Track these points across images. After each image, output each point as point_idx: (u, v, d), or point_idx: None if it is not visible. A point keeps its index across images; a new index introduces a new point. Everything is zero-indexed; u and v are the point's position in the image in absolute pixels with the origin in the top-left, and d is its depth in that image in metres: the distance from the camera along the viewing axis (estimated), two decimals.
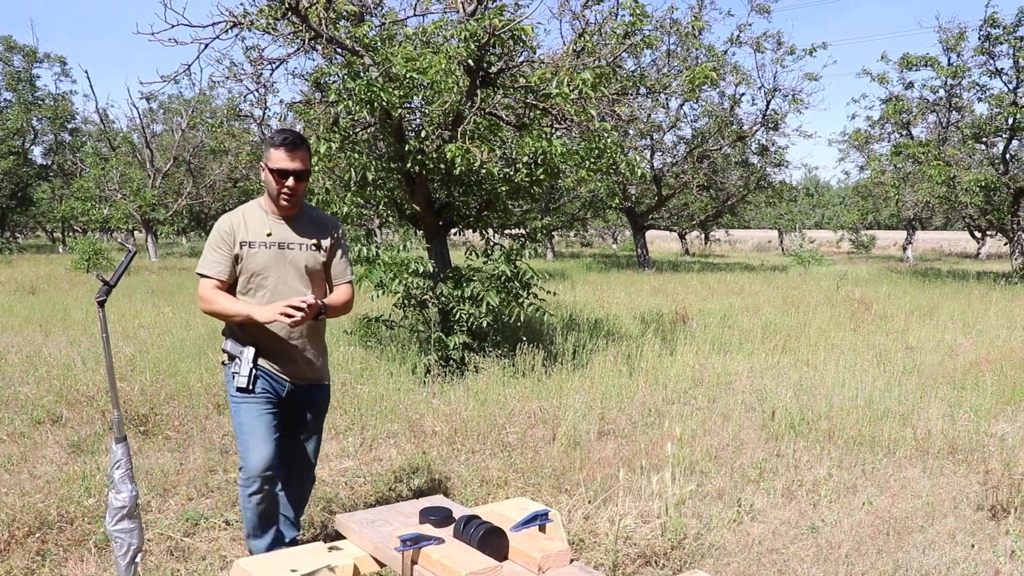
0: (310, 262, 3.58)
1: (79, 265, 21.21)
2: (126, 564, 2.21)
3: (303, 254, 3.56)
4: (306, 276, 3.57)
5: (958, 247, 48.67)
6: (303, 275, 3.56)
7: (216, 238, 3.49)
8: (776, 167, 28.10)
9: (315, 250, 3.60)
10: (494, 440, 5.93)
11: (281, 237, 3.53)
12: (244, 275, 3.49)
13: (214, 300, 3.43)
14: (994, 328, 11.26)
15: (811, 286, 17.55)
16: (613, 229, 47.38)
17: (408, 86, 7.75)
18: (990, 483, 5.01)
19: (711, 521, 4.52)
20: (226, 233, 3.48)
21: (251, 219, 3.53)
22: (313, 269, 3.59)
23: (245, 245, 3.47)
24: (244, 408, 3.48)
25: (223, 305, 3.43)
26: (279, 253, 3.51)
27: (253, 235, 3.49)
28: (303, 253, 3.57)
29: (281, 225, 3.55)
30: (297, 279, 3.55)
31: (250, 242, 3.48)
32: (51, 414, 6.45)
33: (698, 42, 21.50)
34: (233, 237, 3.48)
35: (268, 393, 3.54)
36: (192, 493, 4.90)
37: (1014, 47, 20.11)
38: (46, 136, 38.04)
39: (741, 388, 7.79)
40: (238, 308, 3.41)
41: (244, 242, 3.48)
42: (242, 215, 3.55)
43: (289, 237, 3.54)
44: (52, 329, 10.62)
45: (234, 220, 3.52)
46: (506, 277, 8.29)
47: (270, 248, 3.50)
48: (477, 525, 1.90)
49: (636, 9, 8.57)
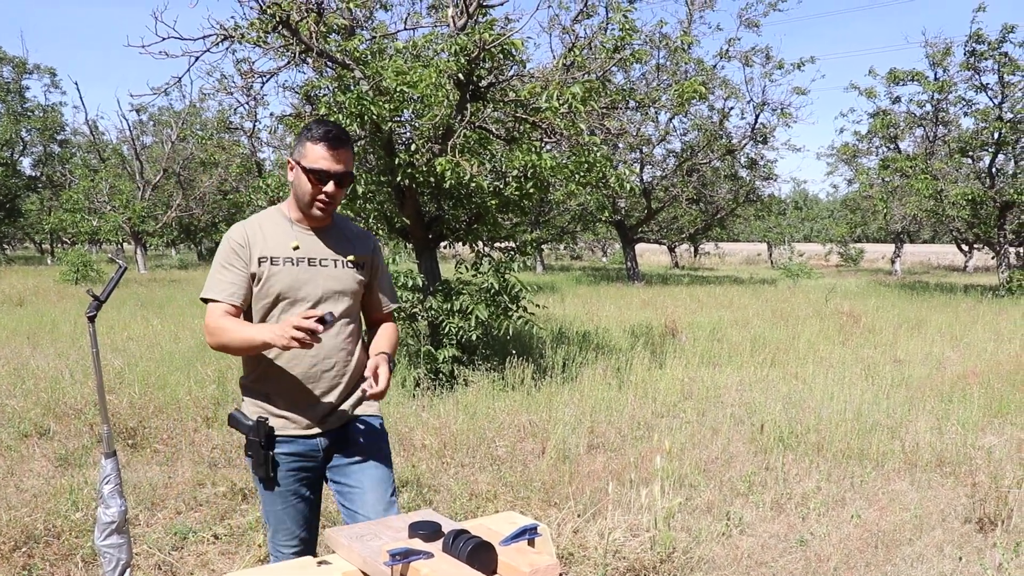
0: (347, 282, 2.84)
1: (67, 277, 21.13)
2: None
3: (339, 272, 2.82)
4: (346, 300, 2.83)
5: (946, 260, 48.94)
6: (341, 298, 2.83)
7: (227, 253, 2.73)
8: (765, 180, 28.24)
9: (352, 267, 2.85)
10: (483, 453, 5.92)
11: (310, 251, 2.79)
12: (266, 299, 2.74)
13: (223, 330, 2.64)
14: (981, 341, 11.32)
15: (800, 299, 17.62)
16: (603, 242, 47.47)
17: (398, 100, 7.77)
18: (977, 496, 5.03)
19: (700, 535, 4.53)
20: (239, 246, 2.73)
21: (271, 229, 2.80)
22: (351, 291, 2.84)
23: (265, 261, 2.74)
24: (268, 497, 2.80)
25: (235, 334, 2.63)
26: (310, 270, 2.78)
27: (275, 248, 2.76)
28: (339, 271, 2.82)
29: (310, 237, 2.81)
30: (333, 303, 2.81)
31: (271, 257, 2.75)
32: (38, 427, 6.41)
33: (687, 56, 21.62)
34: (249, 251, 2.74)
35: (296, 473, 2.80)
36: (180, 507, 4.88)
37: (999, 63, 20.30)
38: (35, 147, 37.94)
39: (730, 401, 7.81)
40: (250, 333, 2.60)
41: (264, 257, 2.74)
42: (259, 224, 2.81)
43: (320, 251, 2.81)
44: (40, 341, 10.57)
45: (249, 230, 2.78)
46: (495, 291, 8.30)
47: (297, 264, 2.76)
48: (466, 539, 1.90)
49: (625, 24, 8.63)
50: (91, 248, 40.58)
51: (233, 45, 8.33)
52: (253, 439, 2.71)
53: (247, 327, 2.64)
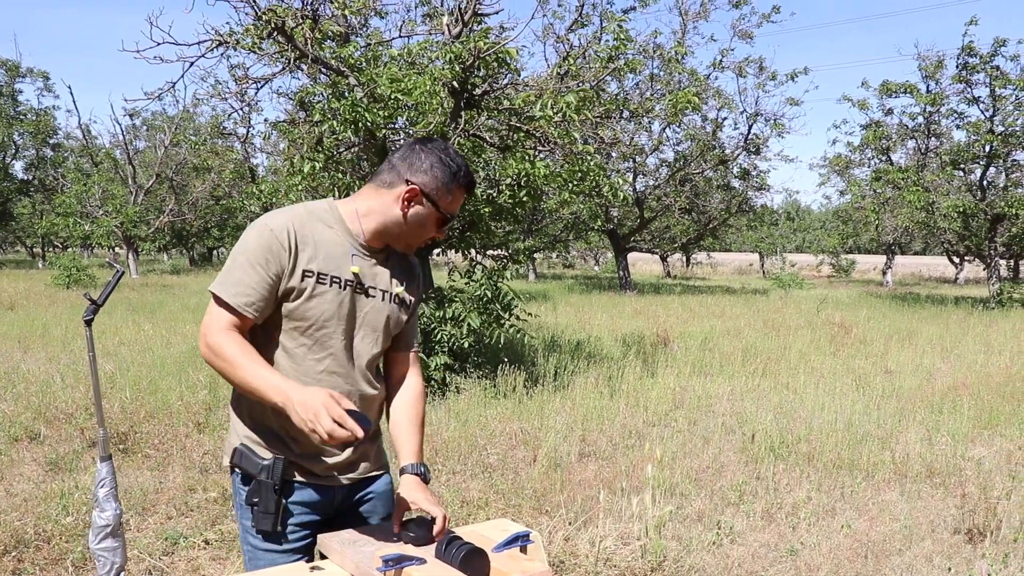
0: (392, 319, 2.30)
1: (59, 281, 21.06)
2: None
3: (385, 307, 2.28)
4: (381, 340, 2.29)
5: (937, 272, 49.16)
6: (377, 339, 2.28)
7: (259, 248, 2.07)
8: (758, 191, 28.35)
9: (398, 303, 2.31)
10: (475, 461, 5.93)
11: (365, 278, 2.22)
12: (295, 323, 2.14)
13: (223, 348, 2.02)
14: (972, 353, 11.37)
15: (792, 309, 17.68)
16: (595, 251, 47.55)
17: (393, 107, 7.80)
18: (967, 507, 5.05)
19: (691, 543, 4.54)
20: (280, 246, 2.08)
21: (328, 238, 2.17)
22: (389, 331, 2.31)
23: (311, 277, 2.12)
24: (267, 558, 2.19)
25: (244, 372, 2.00)
26: (354, 300, 2.21)
27: (328, 263, 2.15)
28: (385, 305, 2.28)
29: (369, 262, 2.23)
30: (370, 343, 2.27)
31: (319, 272, 2.13)
32: (29, 431, 6.39)
33: (681, 67, 21.72)
34: (293, 256, 2.10)
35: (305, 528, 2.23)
36: (172, 512, 4.87)
37: (990, 76, 20.44)
38: (27, 151, 37.84)
39: (721, 411, 7.83)
40: (265, 383, 1.97)
41: (311, 272, 2.12)
42: (311, 224, 2.15)
43: (373, 279, 2.25)
44: (31, 345, 10.53)
45: (298, 227, 2.12)
46: (487, 299, 8.32)
47: (345, 289, 2.17)
48: (459, 546, 1.91)
49: (620, 33, 8.67)
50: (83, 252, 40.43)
51: (228, 51, 8.35)
52: (265, 481, 2.14)
53: (264, 371, 2.00)
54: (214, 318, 2.06)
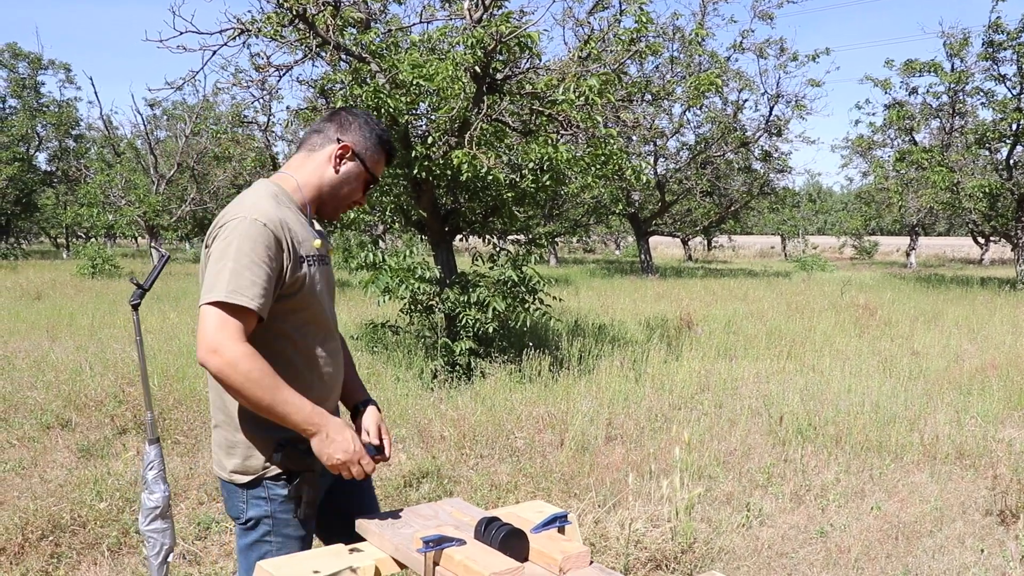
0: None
1: (85, 271, 21.25)
2: (158, 564, 2.23)
3: (331, 269, 2.37)
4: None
5: (961, 252, 48.66)
6: (334, 299, 2.40)
7: (262, 244, 2.01)
8: (779, 173, 28.16)
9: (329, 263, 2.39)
10: (502, 445, 5.94)
11: (323, 248, 2.28)
12: (299, 311, 2.15)
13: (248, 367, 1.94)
14: (999, 334, 11.26)
15: (815, 292, 17.56)
16: (616, 235, 47.40)
17: (414, 93, 7.78)
18: (998, 488, 5.02)
19: (720, 525, 4.53)
20: (276, 238, 2.05)
21: (293, 219, 2.16)
22: None
23: (303, 262, 2.13)
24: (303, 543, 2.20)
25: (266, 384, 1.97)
26: (324, 271, 2.26)
27: (306, 245, 2.17)
28: (331, 268, 2.37)
29: (316, 232, 2.27)
30: (333, 305, 2.37)
31: (306, 256, 2.15)
32: (60, 419, 6.47)
33: (701, 48, 21.55)
34: (292, 246, 2.10)
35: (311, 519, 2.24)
36: (203, 497, 4.92)
37: (1018, 52, 20.11)
38: (50, 142, 38.14)
39: (747, 393, 7.80)
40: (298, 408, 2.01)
41: (303, 258, 2.14)
42: (284, 210, 2.15)
43: (324, 248, 2.30)
44: (59, 334, 10.65)
45: (282, 216, 2.10)
46: (512, 283, 8.32)
47: (322, 265, 2.25)
48: (499, 527, 1.92)
49: (641, 16, 8.61)
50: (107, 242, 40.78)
51: (249, 39, 8.37)
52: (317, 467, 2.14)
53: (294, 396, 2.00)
54: (226, 328, 1.94)
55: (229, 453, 2.15)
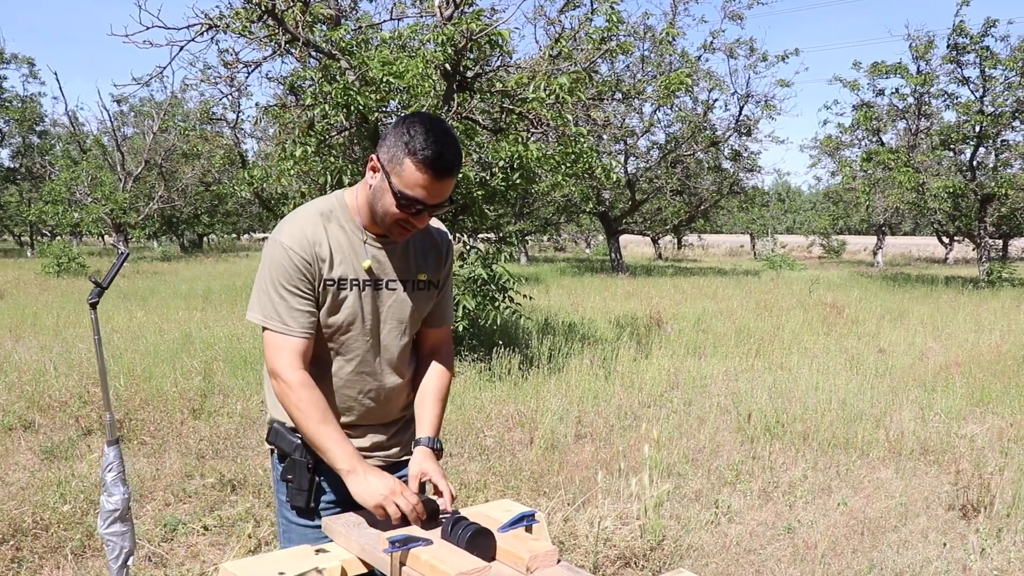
0: (419, 307, 2.24)
1: (49, 269, 20.92)
2: (118, 567, 2.20)
3: (408, 297, 2.21)
4: (409, 329, 2.25)
5: (926, 252, 49.30)
6: (405, 330, 2.23)
7: (288, 272, 2.03)
8: (748, 172, 28.34)
9: (425, 289, 2.24)
10: (472, 444, 5.94)
11: (381, 271, 2.15)
12: (322, 331, 2.14)
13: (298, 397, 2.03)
14: (963, 332, 11.43)
15: (783, 290, 17.72)
16: (587, 233, 47.49)
17: (384, 90, 7.75)
18: (961, 483, 5.09)
19: (689, 522, 4.56)
20: (306, 264, 2.04)
21: (340, 238, 2.10)
22: (416, 318, 2.26)
23: (332, 285, 2.08)
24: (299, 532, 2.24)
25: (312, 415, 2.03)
26: (375, 296, 2.15)
27: (345, 267, 2.09)
28: (408, 295, 2.21)
29: (381, 253, 2.15)
30: (397, 336, 2.22)
31: (339, 279, 2.09)
32: (22, 420, 6.36)
33: (671, 48, 21.65)
34: (316, 267, 2.05)
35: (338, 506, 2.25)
36: (169, 499, 4.86)
37: (981, 56, 20.45)
38: (13, 139, 37.49)
39: (716, 391, 7.85)
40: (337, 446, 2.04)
41: (332, 280, 2.08)
42: (324, 229, 2.09)
43: (389, 271, 2.17)
44: (22, 334, 10.48)
45: (313, 239, 2.06)
46: (483, 281, 8.31)
47: (364, 288, 2.13)
48: (465, 526, 1.91)
49: (612, 15, 8.63)
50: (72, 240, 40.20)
51: (217, 35, 8.28)
52: (300, 460, 2.17)
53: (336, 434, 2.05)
54: (281, 355, 2.04)
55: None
